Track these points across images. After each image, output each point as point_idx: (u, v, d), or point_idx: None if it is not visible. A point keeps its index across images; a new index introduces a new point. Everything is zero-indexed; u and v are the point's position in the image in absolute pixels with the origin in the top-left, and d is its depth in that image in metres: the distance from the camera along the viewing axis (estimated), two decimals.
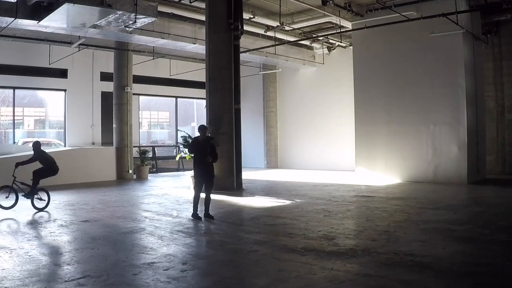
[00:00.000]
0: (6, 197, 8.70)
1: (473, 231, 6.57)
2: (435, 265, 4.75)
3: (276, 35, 15.58)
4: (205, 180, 7.90)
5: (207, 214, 7.84)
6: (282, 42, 15.61)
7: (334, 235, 6.29)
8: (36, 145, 8.84)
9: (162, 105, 22.25)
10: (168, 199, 10.57)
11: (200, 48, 14.61)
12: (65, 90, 17.39)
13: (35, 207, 8.76)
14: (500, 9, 13.16)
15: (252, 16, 13.67)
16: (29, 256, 5.36)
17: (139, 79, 17.83)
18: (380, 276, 4.43)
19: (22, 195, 8.72)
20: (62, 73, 17.00)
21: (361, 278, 4.44)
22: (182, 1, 12.56)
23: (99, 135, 18.01)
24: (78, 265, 4.99)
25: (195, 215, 7.80)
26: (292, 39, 16.27)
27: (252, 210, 8.88)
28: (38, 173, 8.83)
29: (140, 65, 17.54)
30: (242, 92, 13.07)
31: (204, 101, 12.93)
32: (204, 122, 13.64)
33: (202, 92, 14.29)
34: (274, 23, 14.43)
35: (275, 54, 16.39)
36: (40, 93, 18.24)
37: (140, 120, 20.07)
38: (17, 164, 8.54)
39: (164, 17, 13.19)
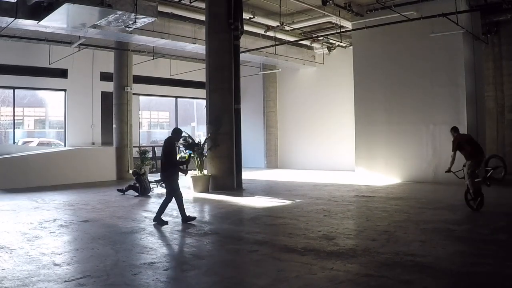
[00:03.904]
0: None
1: (473, 231, 6.57)
2: (435, 265, 4.75)
3: (276, 35, 15.57)
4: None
5: (158, 218, 7.39)
6: (282, 42, 15.61)
7: (334, 235, 6.29)
8: None
9: (162, 105, 22.23)
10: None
11: (200, 48, 14.61)
12: (65, 90, 17.39)
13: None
14: (500, 9, 13.15)
15: (252, 16, 13.66)
16: (29, 256, 5.36)
17: (139, 79, 17.83)
18: (380, 276, 4.43)
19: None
20: (62, 73, 17.00)
21: (361, 278, 4.44)
22: (182, 1, 12.56)
23: (99, 135, 18.01)
24: (78, 265, 4.99)
25: (187, 218, 7.47)
26: (292, 39, 16.27)
27: (252, 210, 8.88)
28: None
29: (140, 65, 17.54)
30: (242, 92, 13.07)
31: (204, 101, 12.93)
32: (204, 122, 13.67)
33: (202, 92, 14.28)
34: (274, 23, 14.43)
35: (275, 54, 16.39)
36: (40, 93, 18.23)
37: (140, 120, 20.06)
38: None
39: (164, 17, 13.19)
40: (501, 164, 8.42)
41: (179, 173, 7.62)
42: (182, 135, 12.59)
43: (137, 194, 11.19)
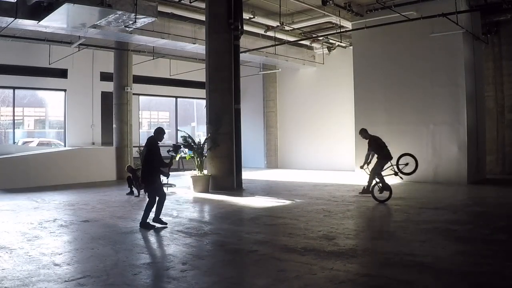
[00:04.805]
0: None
1: (473, 231, 6.57)
2: (435, 265, 4.75)
3: (276, 35, 15.57)
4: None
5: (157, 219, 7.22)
6: (282, 42, 15.61)
7: (334, 235, 6.28)
8: None
9: (162, 105, 22.23)
10: (168, 199, 10.50)
11: (200, 48, 14.61)
12: (65, 90, 17.41)
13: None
14: (500, 9, 13.16)
15: (252, 16, 13.66)
16: (29, 256, 5.36)
17: (139, 79, 17.84)
18: (380, 276, 4.43)
19: None
20: (62, 73, 17.02)
21: (361, 278, 4.44)
22: (182, 1, 12.57)
23: (99, 135, 18.02)
24: (78, 265, 4.99)
25: (146, 224, 7.10)
26: (292, 39, 16.27)
27: (252, 210, 8.88)
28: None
29: (140, 65, 17.54)
30: (242, 92, 13.06)
31: (204, 101, 12.93)
32: (204, 122, 13.66)
33: (202, 92, 14.29)
34: (274, 23, 14.43)
35: (275, 54, 16.39)
36: (40, 93, 18.23)
37: (140, 120, 20.07)
38: None
39: (164, 17, 13.19)
40: (410, 161, 9.29)
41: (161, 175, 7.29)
42: (182, 135, 12.69)
43: (137, 194, 11.20)
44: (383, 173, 9.38)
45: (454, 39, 12.44)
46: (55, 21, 10.18)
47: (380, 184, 9.33)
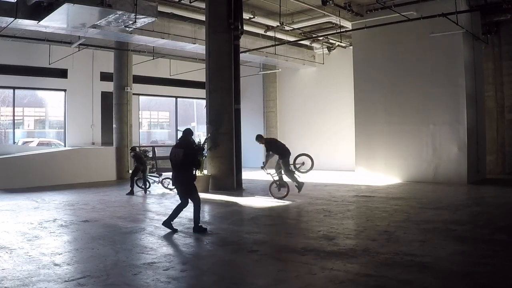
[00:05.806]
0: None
1: (473, 231, 6.57)
2: (435, 265, 4.75)
3: (276, 35, 15.57)
4: None
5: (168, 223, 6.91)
6: (282, 42, 15.61)
7: (334, 235, 6.28)
8: None
9: (162, 105, 22.24)
10: (168, 199, 10.57)
11: (200, 48, 14.61)
12: (65, 90, 17.40)
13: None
14: (500, 9, 13.15)
15: (252, 16, 13.67)
16: (29, 256, 5.36)
17: (139, 79, 17.84)
18: (380, 276, 4.43)
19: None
20: (62, 73, 17.01)
21: (361, 278, 4.44)
22: (182, 1, 12.57)
23: (99, 135, 18.01)
24: (78, 265, 4.99)
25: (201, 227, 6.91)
26: (292, 39, 16.27)
27: (252, 210, 8.88)
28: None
29: (140, 65, 17.54)
30: (242, 92, 13.07)
31: (204, 101, 12.94)
32: (204, 122, 13.66)
33: (202, 92, 14.29)
34: (274, 23, 14.43)
35: (275, 54, 16.38)
36: (40, 93, 18.24)
37: (140, 120, 20.07)
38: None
39: (164, 17, 13.19)
40: (306, 161, 10.11)
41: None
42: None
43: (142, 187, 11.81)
44: (277, 171, 10.14)
45: (454, 39, 12.44)
46: (55, 21, 10.18)
47: (278, 182, 10.13)
